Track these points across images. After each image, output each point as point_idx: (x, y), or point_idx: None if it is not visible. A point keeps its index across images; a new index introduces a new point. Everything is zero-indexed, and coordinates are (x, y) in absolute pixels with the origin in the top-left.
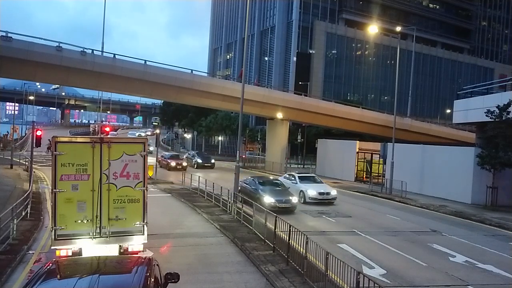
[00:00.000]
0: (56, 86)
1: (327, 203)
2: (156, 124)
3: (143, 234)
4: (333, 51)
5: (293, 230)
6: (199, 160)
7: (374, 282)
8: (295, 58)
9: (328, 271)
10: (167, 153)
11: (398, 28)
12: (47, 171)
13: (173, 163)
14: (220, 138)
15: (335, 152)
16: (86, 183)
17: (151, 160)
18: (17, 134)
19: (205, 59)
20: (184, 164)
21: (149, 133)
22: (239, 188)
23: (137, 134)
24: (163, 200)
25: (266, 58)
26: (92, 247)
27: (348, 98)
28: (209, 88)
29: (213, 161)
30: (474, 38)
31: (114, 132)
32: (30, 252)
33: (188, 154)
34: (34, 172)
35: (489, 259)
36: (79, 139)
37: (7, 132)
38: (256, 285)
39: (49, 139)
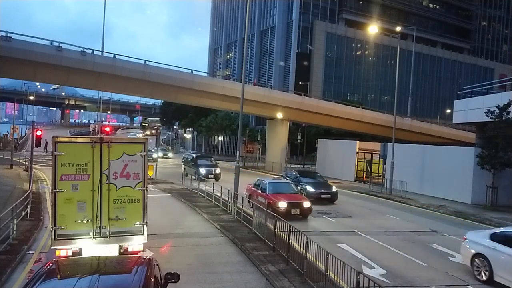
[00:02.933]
0: (56, 86)
1: None
2: (145, 125)
3: (143, 234)
4: (333, 51)
5: (293, 230)
6: (311, 189)
7: (374, 282)
8: (295, 58)
9: (328, 271)
10: (268, 180)
11: (398, 28)
12: (47, 171)
13: (283, 204)
14: (220, 138)
15: (335, 152)
16: (86, 183)
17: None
18: (17, 134)
19: (205, 59)
20: (307, 205)
21: (140, 134)
22: None
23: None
24: (163, 200)
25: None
26: (92, 247)
27: (348, 98)
28: (209, 88)
29: (334, 189)
30: (474, 38)
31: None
32: (30, 252)
33: (288, 176)
34: (34, 172)
35: None
36: (79, 139)
37: (7, 132)
38: (256, 285)
39: (46, 139)
